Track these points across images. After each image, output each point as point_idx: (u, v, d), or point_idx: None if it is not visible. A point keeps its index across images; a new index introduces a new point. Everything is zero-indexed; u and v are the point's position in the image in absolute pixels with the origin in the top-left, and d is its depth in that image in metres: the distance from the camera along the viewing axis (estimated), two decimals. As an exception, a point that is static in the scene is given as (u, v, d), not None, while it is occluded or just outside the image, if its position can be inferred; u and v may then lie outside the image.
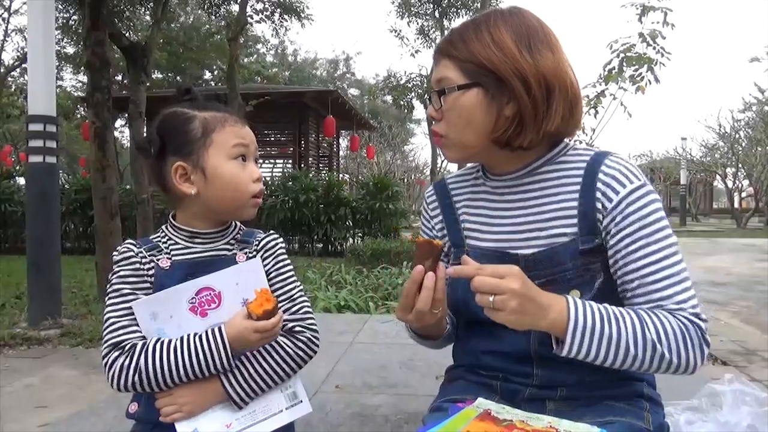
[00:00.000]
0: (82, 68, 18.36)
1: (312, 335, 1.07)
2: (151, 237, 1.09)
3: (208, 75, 23.23)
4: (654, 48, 3.97)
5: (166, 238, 1.08)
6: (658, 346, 0.88)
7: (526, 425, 0.91)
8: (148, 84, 7.14)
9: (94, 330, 3.84)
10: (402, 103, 13.20)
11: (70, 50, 17.82)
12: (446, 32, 1.05)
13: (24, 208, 8.80)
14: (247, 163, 1.06)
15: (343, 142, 19.52)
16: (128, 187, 8.90)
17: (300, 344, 1.05)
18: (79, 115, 19.23)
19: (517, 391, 1.02)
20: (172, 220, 1.10)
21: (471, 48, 0.97)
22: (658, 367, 0.90)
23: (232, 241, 1.10)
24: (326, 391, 1.69)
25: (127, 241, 1.06)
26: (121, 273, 1.03)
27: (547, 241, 0.99)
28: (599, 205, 0.96)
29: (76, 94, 18.77)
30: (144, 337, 0.99)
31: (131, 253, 1.04)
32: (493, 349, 1.03)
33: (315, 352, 1.08)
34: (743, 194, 26.73)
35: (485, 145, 1.01)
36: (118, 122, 17.94)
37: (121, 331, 0.99)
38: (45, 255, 4.01)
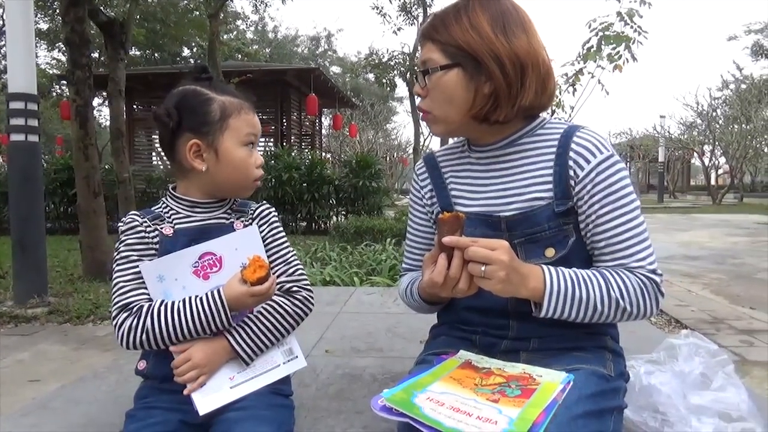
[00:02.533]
0: (58, 45, 17.90)
1: (308, 294, 1.16)
2: (152, 208, 1.16)
3: (187, 52, 22.78)
4: (631, 27, 4.06)
5: (168, 208, 1.16)
6: (621, 302, 1.00)
7: (502, 372, 1.01)
8: (125, 61, 7.02)
9: (82, 307, 3.88)
10: (384, 81, 13.15)
11: (44, 26, 17.32)
12: (429, 15, 1.14)
13: (3, 188, 8.68)
14: (254, 150, 1.15)
15: (326, 121, 19.41)
16: (107, 166, 8.78)
17: (297, 302, 1.15)
18: (55, 93, 18.80)
19: (494, 344, 1.13)
20: (172, 191, 1.18)
21: (451, 32, 1.05)
22: (620, 318, 1.03)
23: (229, 211, 1.19)
24: (317, 355, 1.78)
25: (131, 213, 1.14)
26: (128, 241, 1.10)
27: (526, 204, 1.09)
28: (572, 172, 1.07)
29: (51, 71, 18.28)
30: (150, 300, 1.07)
31: (136, 223, 1.12)
32: (473, 305, 1.13)
33: (311, 310, 1.17)
34: (720, 171, 27.21)
35: (466, 121, 1.10)
36: (95, 101, 17.56)
37: (128, 294, 1.06)
38: (29, 234, 4.00)
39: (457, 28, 1.05)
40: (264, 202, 1.24)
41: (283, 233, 1.21)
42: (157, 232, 1.11)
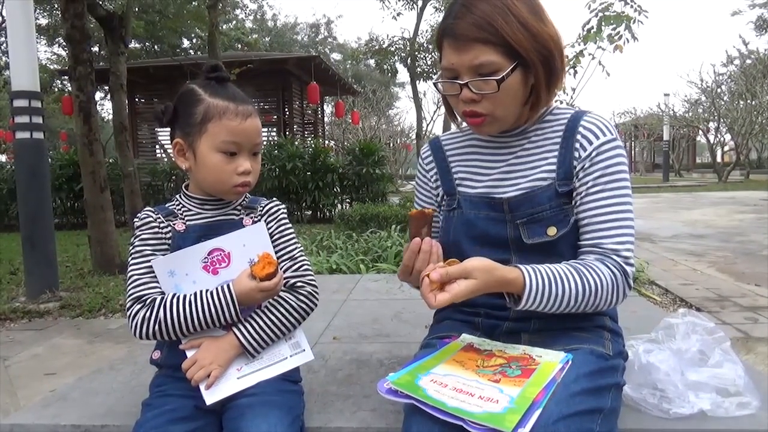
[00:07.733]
0: (58, 40, 17.87)
1: (312, 289, 1.19)
2: (166, 205, 1.20)
3: (186, 43, 22.70)
4: (631, 6, 4.04)
5: (180, 205, 1.20)
6: (593, 298, 1.03)
7: (503, 353, 1.05)
8: (126, 54, 7.02)
9: (93, 301, 3.94)
10: (385, 67, 13.11)
11: (43, 21, 17.29)
12: (456, 7, 1.05)
13: (8, 185, 8.73)
14: (236, 158, 1.12)
15: (328, 108, 19.34)
16: (111, 160, 8.82)
17: (302, 297, 1.17)
18: (56, 89, 18.82)
19: (496, 325, 1.16)
20: (184, 189, 1.21)
21: (504, 32, 1.02)
22: (592, 309, 1.06)
23: (239, 207, 1.21)
24: (325, 342, 1.82)
25: (146, 209, 1.17)
26: (143, 236, 1.14)
27: (528, 185, 1.12)
28: (576, 154, 1.10)
29: (51, 66, 18.29)
30: (163, 293, 1.10)
31: (150, 219, 1.15)
32: None
33: (316, 304, 1.20)
34: (725, 148, 26.95)
35: (518, 113, 1.13)
36: (97, 95, 17.54)
37: (142, 287, 1.10)
38: (39, 230, 4.06)
39: (509, 28, 1.02)
40: (274, 198, 1.26)
41: (291, 229, 1.23)
42: (170, 228, 1.15)
